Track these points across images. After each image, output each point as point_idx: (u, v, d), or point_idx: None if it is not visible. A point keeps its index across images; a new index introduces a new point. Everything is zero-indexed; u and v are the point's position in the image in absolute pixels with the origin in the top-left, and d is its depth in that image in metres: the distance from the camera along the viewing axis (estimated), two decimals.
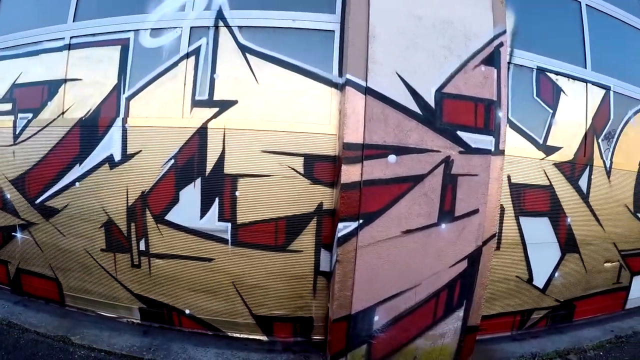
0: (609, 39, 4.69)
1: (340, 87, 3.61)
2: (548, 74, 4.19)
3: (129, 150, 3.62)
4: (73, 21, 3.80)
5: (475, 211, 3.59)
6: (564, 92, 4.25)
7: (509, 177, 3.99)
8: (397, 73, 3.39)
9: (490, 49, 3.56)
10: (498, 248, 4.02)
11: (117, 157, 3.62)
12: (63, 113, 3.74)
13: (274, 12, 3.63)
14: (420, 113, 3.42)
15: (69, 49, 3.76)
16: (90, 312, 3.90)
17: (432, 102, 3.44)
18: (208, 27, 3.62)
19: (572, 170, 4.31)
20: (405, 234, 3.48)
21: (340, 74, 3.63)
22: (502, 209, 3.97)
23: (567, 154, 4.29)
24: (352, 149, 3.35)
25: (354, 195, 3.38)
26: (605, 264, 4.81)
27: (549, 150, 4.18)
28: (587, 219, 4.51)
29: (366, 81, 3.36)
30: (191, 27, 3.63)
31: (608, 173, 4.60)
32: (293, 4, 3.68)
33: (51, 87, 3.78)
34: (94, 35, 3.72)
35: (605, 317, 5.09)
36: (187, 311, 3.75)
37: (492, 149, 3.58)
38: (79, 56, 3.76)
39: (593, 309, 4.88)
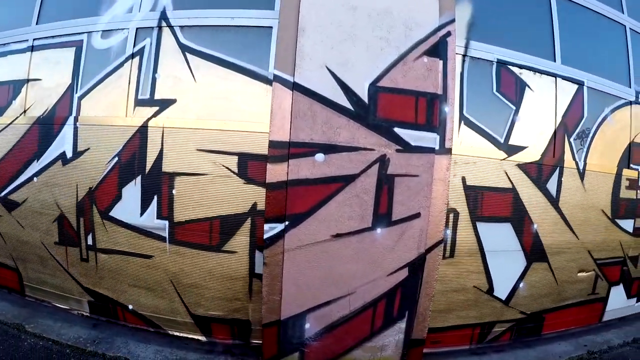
0: (581, 31, 3.52)
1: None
2: (510, 67, 3.11)
3: (79, 148, 3.02)
4: (36, 24, 3.26)
5: (416, 215, 2.57)
6: (529, 87, 3.06)
7: (463, 179, 2.93)
8: (326, 67, 2.50)
9: (435, 39, 2.57)
10: (452, 256, 2.92)
11: (69, 154, 3.02)
12: (25, 111, 3.27)
13: (214, 11, 2.91)
14: (352, 109, 2.51)
15: (32, 51, 3.29)
16: (47, 303, 3.29)
17: (365, 97, 2.56)
18: (152, 28, 2.96)
19: (539, 171, 3.09)
20: (336, 238, 2.51)
21: None
22: (456, 214, 2.82)
23: (532, 154, 3.12)
24: (278, 147, 2.50)
25: (280, 195, 2.49)
26: (579, 274, 3.50)
27: (512, 150, 3.06)
28: (557, 225, 3.33)
29: (293, 76, 2.48)
30: (137, 28, 2.99)
31: (582, 175, 3.31)
32: (235, 2, 2.78)
33: (16, 87, 3.36)
34: (53, 37, 3.24)
35: (580, 330, 3.84)
36: (130, 307, 3.09)
37: (437, 147, 2.59)
38: (40, 57, 3.30)
39: (566, 321, 3.67)
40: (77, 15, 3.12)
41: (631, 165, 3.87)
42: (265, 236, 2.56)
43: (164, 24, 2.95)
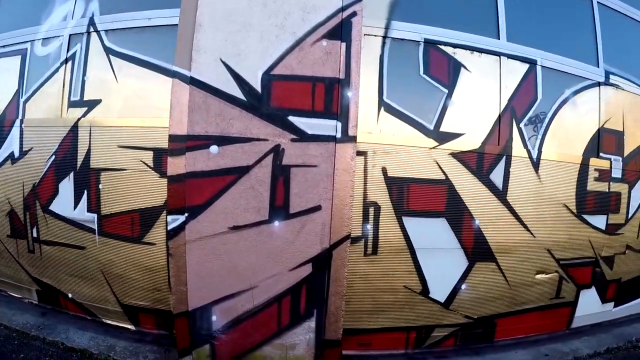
0: (536, 5, 2.69)
1: None
2: (442, 47, 2.43)
3: (24, 148, 2.83)
4: None
5: (317, 208, 2.11)
6: (465, 68, 2.43)
7: (384, 170, 2.31)
8: (221, 59, 2.13)
9: (337, 20, 2.09)
10: (375, 253, 2.32)
11: (17, 153, 2.85)
12: None
13: (133, 13, 2.59)
14: (245, 99, 2.10)
15: None
16: (4, 292, 3.11)
17: (258, 87, 2.10)
18: (82, 34, 2.71)
19: (480, 161, 2.44)
20: (234, 230, 2.12)
21: None
22: (377, 208, 2.28)
23: (471, 141, 2.45)
24: (176, 140, 2.15)
25: (180, 187, 2.16)
26: (538, 276, 2.72)
27: (444, 137, 2.41)
28: (506, 221, 2.56)
29: (190, 71, 2.13)
30: (70, 35, 2.74)
31: (535, 165, 2.58)
32: (153, 3, 2.49)
33: None
34: (4, 47, 2.97)
35: (545, 338, 2.94)
36: (70, 295, 2.82)
37: (338, 136, 2.08)
38: None
39: (524, 327, 2.83)
40: (24, 25, 2.93)
41: (601, 154, 2.99)
42: (168, 228, 2.17)
43: (91, 29, 2.65)
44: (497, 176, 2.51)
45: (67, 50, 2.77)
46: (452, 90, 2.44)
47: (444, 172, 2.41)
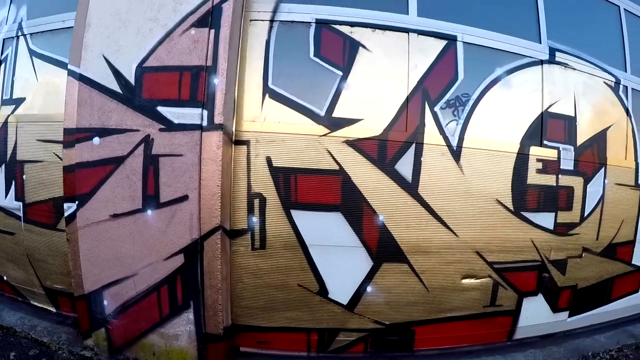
0: None
1: None
2: (336, 26, 1.96)
3: None
4: None
5: (184, 198, 1.79)
6: (364, 48, 1.96)
7: (269, 160, 1.89)
8: (103, 56, 1.90)
9: (207, 7, 1.79)
10: (262, 247, 1.92)
11: None
12: None
13: (51, 17, 2.40)
14: (121, 92, 1.86)
15: None
16: None
17: (132, 79, 1.84)
18: (13, 37, 2.55)
19: (382, 150, 1.94)
20: (114, 218, 1.89)
21: None
22: (262, 200, 1.88)
23: (370, 128, 1.95)
24: (68, 133, 1.96)
25: (72, 177, 1.97)
26: (465, 281, 2.11)
27: (336, 123, 1.93)
28: (418, 217, 2.01)
29: (79, 68, 1.93)
30: (4, 39, 2.59)
31: (456, 154, 2.02)
32: (72, 5, 2.25)
33: None
34: None
35: (479, 349, 2.30)
36: (5, 277, 2.65)
37: (204, 124, 1.74)
38: None
39: (452, 337, 2.23)
40: None
41: (545, 142, 2.29)
42: (65, 215, 1.97)
43: (20, 33, 2.49)
44: (404, 166, 1.98)
45: (1, 53, 2.72)
46: (348, 72, 1.96)
47: (337, 162, 1.93)
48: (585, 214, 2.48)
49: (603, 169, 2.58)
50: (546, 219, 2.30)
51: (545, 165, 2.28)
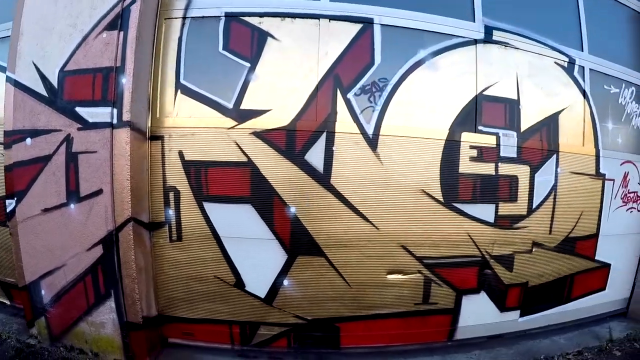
0: None
1: None
2: (245, 18, 1.62)
3: None
4: None
5: (99, 191, 1.55)
6: (273, 37, 1.60)
7: (181, 154, 1.60)
8: (33, 62, 1.71)
9: (117, 10, 1.54)
10: (179, 239, 1.63)
11: None
12: None
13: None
14: (47, 95, 1.66)
15: None
16: None
17: (55, 83, 1.64)
18: None
19: (291, 140, 1.58)
20: (45, 212, 1.70)
21: None
22: (177, 193, 1.60)
23: (278, 118, 1.59)
24: (7, 135, 1.78)
25: (10, 176, 1.79)
26: (390, 276, 1.65)
27: (244, 115, 1.59)
28: (333, 210, 1.61)
29: (14, 74, 1.75)
30: None
31: (372, 142, 1.59)
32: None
33: None
34: None
35: (415, 349, 1.81)
36: None
37: (114, 122, 1.49)
38: None
39: (383, 335, 1.77)
40: None
41: (481, 127, 1.73)
42: (7, 210, 1.79)
43: None
44: (315, 157, 1.58)
45: None
46: (256, 63, 1.60)
47: (245, 154, 1.58)
48: (534, 206, 1.88)
49: (555, 156, 1.96)
50: (485, 211, 1.75)
51: (481, 153, 1.74)
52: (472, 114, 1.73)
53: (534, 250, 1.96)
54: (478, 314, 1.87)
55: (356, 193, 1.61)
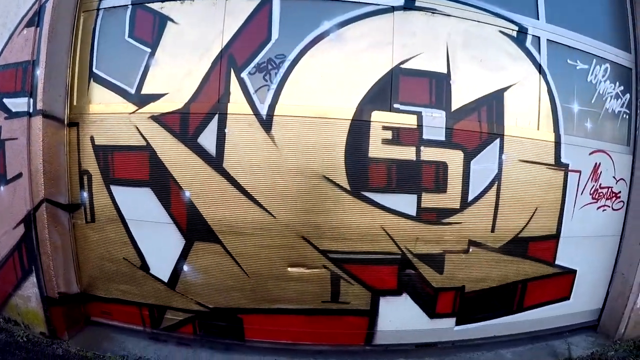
0: None
1: None
2: (149, 4, 1.25)
3: None
4: None
5: (20, 175, 1.27)
6: (172, 21, 1.19)
7: (92, 139, 1.27)
8: None
9: (35, 8, 1.24)
10: (93, 221, 1.29)
11: None
12: None
13: None
14: None
15: None
16: None
17: None
18: None
19: (184, 123, 1.16)
20: None
21: None
22: (89, 176, 1.27)
23: (173, 101, 1.18)
24: None
25: None
26: (291, 269, 1.13)
27: (144, 100, 1.21)
28: (226, 195, 1.14)
29: None
30: None
31: (266, 124, 1.10)
32: None
33: None
34: None
35: (326, 350, 1.24)
36: None
37: (30, 110, 1.18)
38: None
39: (290, 332, 1.25)
40: None
41: (396, 105, 1.12)
42: None
43: None
44: (207, 140, 1.13)
45: None
46: (156, 48, 1.20)
47: (144, 138, 1.18)
48: (470, 198, 1.21)
49: (498, 140, 1.27)
50: (403, 203, 1.15)
51: (398, 135, 1.13)
52: (387, 91, 1.14)
53: (471, 250, 1.26)
54: (401, 318, 1.25)
55: (250, 178, 1.13)
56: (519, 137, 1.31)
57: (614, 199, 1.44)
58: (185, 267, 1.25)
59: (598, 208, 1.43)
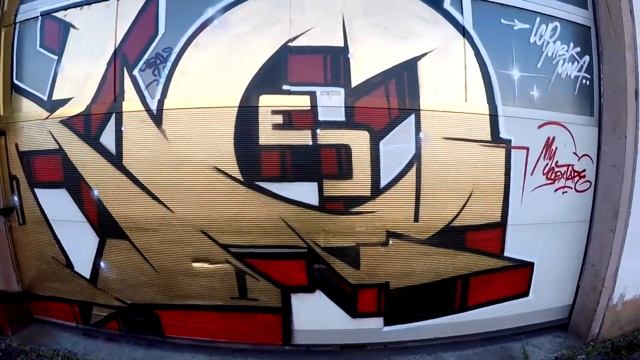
0: None
1: None
2: (55, 14, 1.41)
3: None
4: None
5: None
6: (74, 27, 1.34)
7: (17, 146, 1.45)
8: None
9: None
10: (24, 223, 1.48)
11: None
12: None
13: None
14: None
15: None
16: None
17: None
18: None
19: (87, 124, 1.30)
20: None
21: None
22: (17, 181, 1.46)
23: (78, 105, 1.33)
24: None
25: None
26: (196, 264, 1.20)
27: (55, 105, 1.38)
28: (127, 191, 1.27)
29: None
30: None
31: (157, 119, 1.21)
32: None
33: None
34: None
35: (247, 348, 1.31)
36: None
37: None
38: None
39: (205, 329, 1.34)
40: None
41: (287, 86, 1.10)
42: None
43: None
44: (107, 139, 1.25)
45: None
46: (62, 54, 1.35)
47: (57, 141, 1.34)
48: (383, 184, 1.18)
49: (413, 117, 1.21)
50: (303, 191, 1.16)
51: (290, 118, 1.15)
52: (275, 73, 1.16)
53: (391, 242, 1.23)
54: (318, 317, 1.27)
55: (147, 174, 1.24)
56: (441, 111, 1.25)
57: (577, 178, 1.29)
58: (102, 264, 1.40)
59: (556, 190, 1.30)
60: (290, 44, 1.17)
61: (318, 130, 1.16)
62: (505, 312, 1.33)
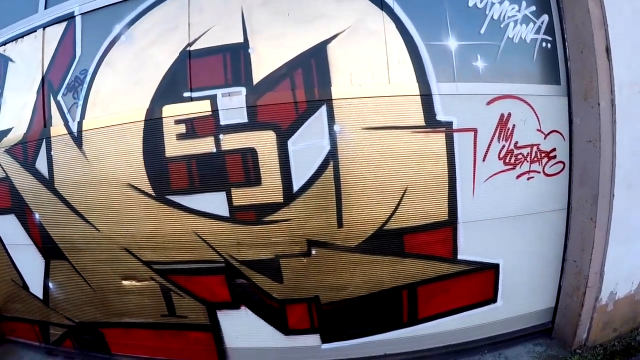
0: None
1: None
2: None
3: None
4: None
5: None
6: (11, 60, 1.59)
7: None
8: None
9: None
10: None
11: None
12: None
13: None
14: None
15: None
16: None
17: None
18: None
19: (25, 152, 1.55)
20: None
21: None
22: None
23: (17, 134, 1.59)
24: None
25: None
26: (125, 282, 1.35)
27: (1, 136, 1.59)
28: (61, 213, 1.49)
29: None
30: None
31: (78, 140, 1.40)
32: None
33: None
34: None
35: None
36: None
37: None
38: None
39: (147, 347, 1.50)
40: None
41: (186, 94, 1.19)
42: None
43: None
44: (41, 164, 1.48)
45: None
46: (3, 87, 1.61)
47: (4, 170, 1.60)
48: (296, 188, 1.21)
49: (324, 108, 1.20)
50: (212, 202, 1.25)
51: (192, 127, 1.25)
52: (177, 80, 1.28)
53: (314, 252, 1.25)
54: (249, 334, 1.35)
55: (75, 195, 1.46)
56: (358, 97, 1.23)
57: (545, 160, 1.16)
58: (50, 285, 1.69)
59: (520, 176, 1.18)
60: (189, 48, 1.28)
61: (221, 136, 1.24)
62: (472, 322, 1.24)
